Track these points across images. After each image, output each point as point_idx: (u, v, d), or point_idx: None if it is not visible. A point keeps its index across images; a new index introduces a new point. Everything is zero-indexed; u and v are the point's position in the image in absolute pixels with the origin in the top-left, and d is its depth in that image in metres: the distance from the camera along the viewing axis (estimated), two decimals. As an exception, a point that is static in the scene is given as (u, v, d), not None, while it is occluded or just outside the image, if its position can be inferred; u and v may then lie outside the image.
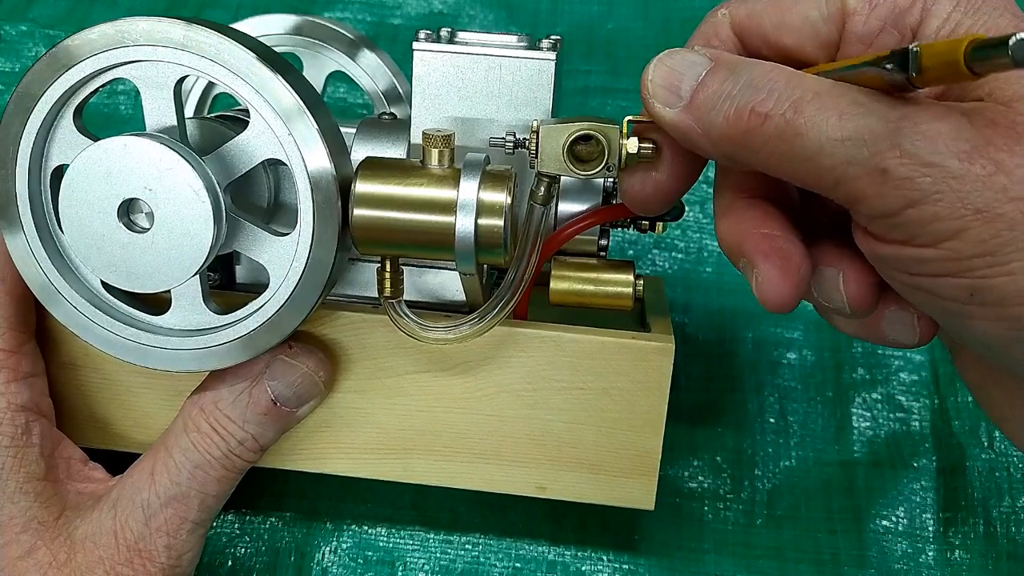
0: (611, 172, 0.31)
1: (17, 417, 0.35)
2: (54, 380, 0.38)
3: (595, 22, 0.53)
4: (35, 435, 0.36)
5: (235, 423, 0.35)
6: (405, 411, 0.37)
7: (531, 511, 0.45)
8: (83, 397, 0.38)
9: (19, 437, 0.35)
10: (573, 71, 0.55)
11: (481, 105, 0.36)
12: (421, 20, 0.54)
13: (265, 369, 0.35)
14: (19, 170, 0.33)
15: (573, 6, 0.54)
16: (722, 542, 0.45)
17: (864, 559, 0.44)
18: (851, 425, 0.48)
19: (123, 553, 0.35)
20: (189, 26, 0.31)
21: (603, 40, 0.53)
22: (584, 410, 0.37)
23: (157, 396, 0.38)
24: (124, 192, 0.31)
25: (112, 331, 0.34)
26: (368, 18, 0.55)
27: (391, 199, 0.32)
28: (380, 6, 0.55)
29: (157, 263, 0.31)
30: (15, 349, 0.35)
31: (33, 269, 0.34)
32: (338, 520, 0.45)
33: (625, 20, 0.53)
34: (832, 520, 0.45)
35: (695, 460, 0.47)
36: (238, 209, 0.33)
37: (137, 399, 0.38)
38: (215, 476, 0.35)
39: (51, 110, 0.32)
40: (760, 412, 0.48)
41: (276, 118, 0.31)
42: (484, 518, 0.45)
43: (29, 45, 0.54)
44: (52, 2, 0.55)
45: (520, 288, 0.34)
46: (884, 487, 0.46)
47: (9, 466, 0.35)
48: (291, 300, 0.33)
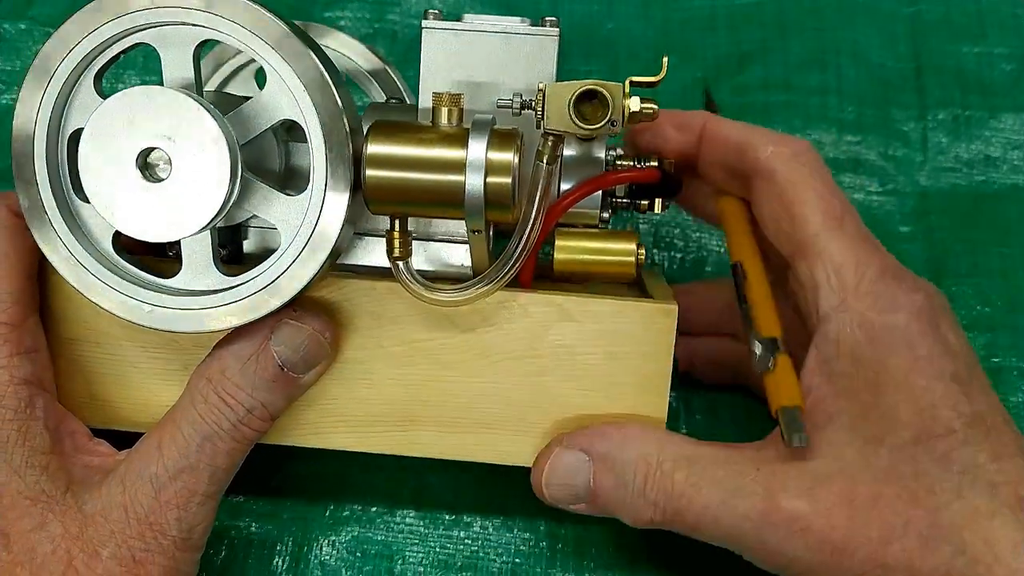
0: (615, 127, 0.33)
1: (20, 390, 0.35)
2: (55, 357, 0.38)
3: (595, 22, 0.55)
4: (39, 408, 0.35)
5: (244, 391, 0.35)
6: (411, 381, 0.37)
7: (530, 506, 0.44)
8: (84, 374, 0.38)
9: (23, 410, 0.35)
10: (573, 71, 0.55)
11: (487, 78, 0.37)
12: (420, 18, 0.54)
13: (270, 335, 0.35)
14: (38, 131, 0.33)
15: (573, 6, 0.55)
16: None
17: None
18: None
19: (134, 527, 0.34)
20: None
21: (603, 40, 0.54)
22: (590, 376, 0.37)
23: (160, 372, 0.38)
24: (145, 140, 0.31)
25: (119, 290, 0.34)
26: (367, 16, 0.56)
27: (403, 159, 0.33)
28: (379, 5, 0.56)
29: (173, 212, 0.32)
30: (18, 323, 0.35)
31: (46, 230, 0.34)
32: (337, 513, 0.44)
33: (625, 20, 0.55)
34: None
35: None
36: (251, 172, 0.34)
37: (140, 376, 0.38)
38: (225, 448, 0.35)
39: (72, 72, 0.33)
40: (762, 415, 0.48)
41: (293, 76, 0.33)
42: (484, 512, 0.44)
43: (29, 44, 0.55)
44: (52, 1, 0.56)
45: (527, 249, 0.35)
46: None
47: (14, 439, 0.34)
48: (300, 259, 0.34)
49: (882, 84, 0.53)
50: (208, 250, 0.34)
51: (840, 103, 0.53)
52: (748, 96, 0.52)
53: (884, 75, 0.53)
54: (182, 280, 0.35)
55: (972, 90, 0.53)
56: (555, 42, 0.37)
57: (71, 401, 0.38)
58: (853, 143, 0.52)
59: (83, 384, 0.38)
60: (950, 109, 0.52)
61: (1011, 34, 0.54)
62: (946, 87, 0.53)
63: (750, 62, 0.53)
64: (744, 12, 0.54)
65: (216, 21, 0.32)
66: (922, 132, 0.52)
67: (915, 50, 0.53)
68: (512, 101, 0.34)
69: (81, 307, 0.37)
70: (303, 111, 0.33)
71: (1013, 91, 0.53)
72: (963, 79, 0.53)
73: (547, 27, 0.37)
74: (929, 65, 0.53)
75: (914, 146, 0.52)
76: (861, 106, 0.53)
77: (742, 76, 0.53)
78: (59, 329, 0.38)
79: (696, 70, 0.52)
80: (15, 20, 0.55)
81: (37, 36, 0.55)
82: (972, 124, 0.52)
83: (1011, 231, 0.50)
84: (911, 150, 0.52)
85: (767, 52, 0.53)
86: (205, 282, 0.35)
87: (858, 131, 0.52)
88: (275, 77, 0.33)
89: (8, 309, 0.35)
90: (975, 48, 0.53)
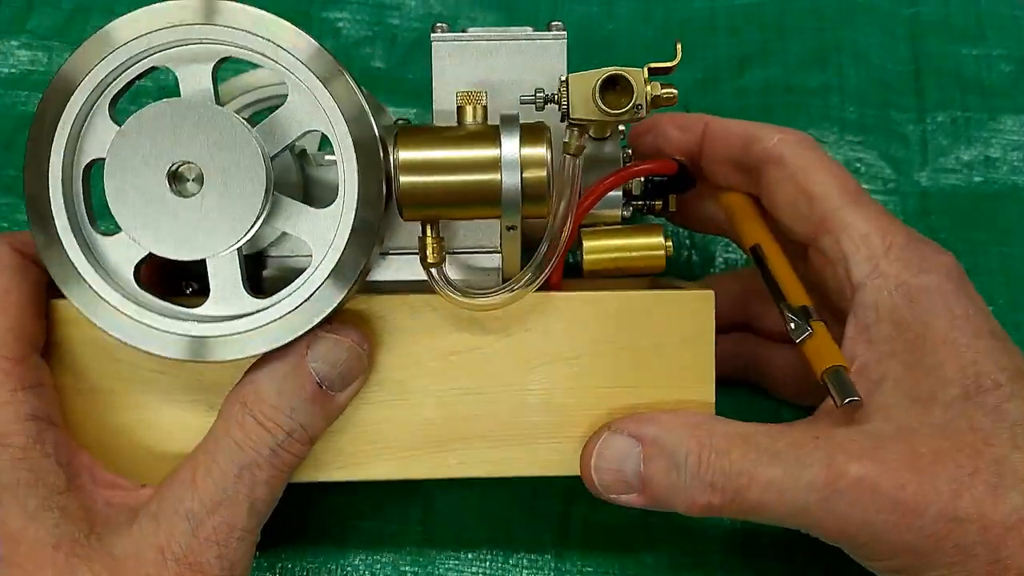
0: (640, 112, 0.33)
1: (28, 427, 0.33)
2: (67, 410, 0.35)
3: (595, 23, 0.55)
4: (49, 444, 0.33)
5: (282, 413, 0.33)
6: (451, 396, 0.36)
7: (537, 527, 0.44)
8: (101, 425, 0.36)
9: (31, 447, 0.32)
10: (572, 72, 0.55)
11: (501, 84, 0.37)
12: (420, 21, 0.55)
13: (306, 351, 0.34)
14: (52, 163, 0.32)
15: (573, 7, 0.56)
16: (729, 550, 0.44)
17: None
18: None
19: (172, 568, 0.32)
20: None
21: (603, 41, 0.55)
22: (634, 371, 0.36)
23: (182, 416, 0.36)
24: (175, 155, 0.30)
25: (146, 322, 0.33)
26: (366, 18, 0.56)
27: (435, 162, 0.33)
28: (379, 7, 0.56)
29: (206, 227, 0.31)
30: (20, 358, 0.33)
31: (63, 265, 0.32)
32: (343, 539, 0.43)
33: (625, 21, 0.55)
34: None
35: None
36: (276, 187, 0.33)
37: (159, 421, 0.36)
38: (264, 477, 0.33)
39: (87, 99, 0.32)
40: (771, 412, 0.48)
41: (319, 86, 0.32)
42: (491, 535, 0.44)
43: (26, 56, 0.54)
44: (50, 13, 0.55)
45: (563, 243, 0.34)
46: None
47: (26, 481, 0.32)
48: (335, 272, 0.33)
49: (882, 85, 0.54)
50: (236, 274, 0.33)
51: (842, 103, 0.53)
52: (749, 98, 0.53)
53: (884, 76, 0.54)
54: (212, 307, 0.33)
55: (971, 92, 0.54)
56: (563, 46, 0.38)
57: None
58: (854, 143, 0.53)
59: (101, 434, 0.36)
60: (949, 111, 0.54)
61: (1010, 36, 0.55)
62: (945, 89, 0.54)
63: (750, 63, 0.54)
64: (744, 13, 0.55)
65: (234, 35, 0.32)
66: (921, 134, 0.53)
67: (914, 52, 0.55)
68: (535, 96, 0.34)
69: (96, 356, 0.36)
70: (331, 120, 0.32)
71: (1012, 93, 0.54)
72: (962, 81, 0.54)
73: (554, 31, 0.38)
74: (928, 67, 0.54)
75: (914, 147, 0.53)
76: (862, 107, 0.53)
77: (742, 78, 0.54)
78: (74, 381, 0.36)
79: (696, 71, 0.53)
80: (15, 33, 0.54)
81: (35, 48, 0.54)
82: (972, 126, 0.53)
83: (1011, 231, 0.51)
84: (911, 151, 0.53)
85: (767, 53, 0.54)
86: (235, 307, 0.33)
87: (859, 131, 0.53)
88: (299, 88, 0.33)
89: (10, 344, 0.33)
90: (974, 50, 0.55)
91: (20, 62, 0.54)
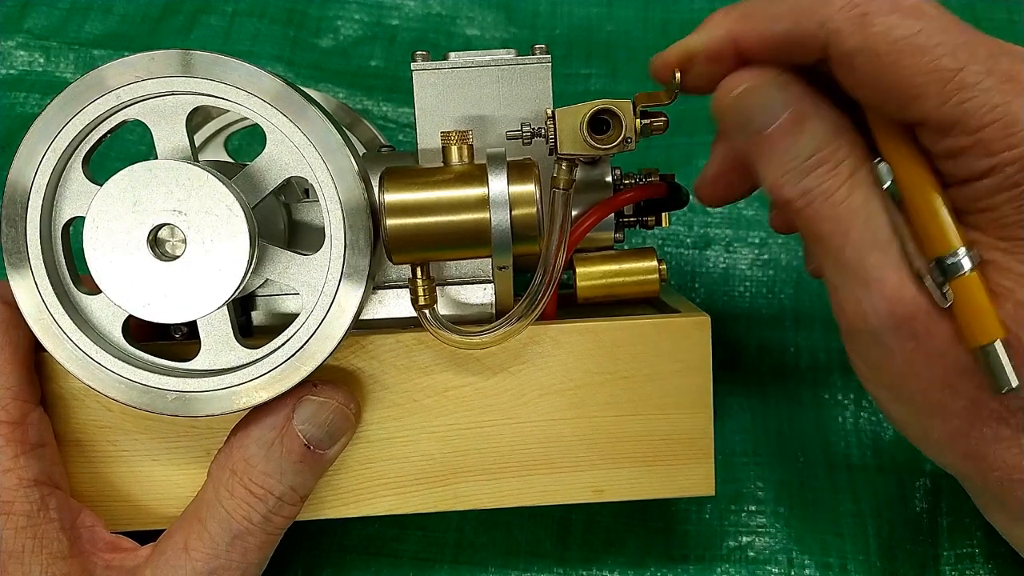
0: (629, 145, 0.33)
1: (31, 493, 0.33)
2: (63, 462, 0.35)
3: (594, 24, 0.54)
4: (52, 509, 0.33)
5: (272, 478, 0.33)
6: (449, 431, 0.36)
7: (536, 531, 0.44)
8: (98, 476, 0.36)
9: (35, 514, 0.32)
10: (572, 74, 0.55)
11: (485, 112, 0.37)
12: (419, 21, 0.54)
13: (292, 414, 0.33)
14: (30, 226, 0.31)
15: (572, 8, 0.55)
16: (729, 554, 0.44)
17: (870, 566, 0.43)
18: (860, 428, 0.47)
19: None
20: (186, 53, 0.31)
21: (603, 42, 0.54)
22: (631, 400, 0.36)
23: (181, 461, 0.36)
24: (153, 218, 0.30)
25: (137, 380, 0.32)
26: (366, 19, 0.55)
27: (423, 204, 0.32)
28: (378, 7, 0.55)
29: (192, 289, 0.30)
30: (20, 420, 0.33)
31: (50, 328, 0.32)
32: (342, 545, 0.43)
33: (624, 22, 0.54)
34: (839, 524, 0.44)
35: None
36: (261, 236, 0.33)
37: (161, 468, 0.36)
38: (256, 543, 0.33)
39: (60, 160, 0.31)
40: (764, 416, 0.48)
41: (296, 131, 0.31)
42: (490, 538, 0.44)
43: (23, 56, 0.53)
44: (46, 13, 0.53)
45: (554, 278, 0.34)
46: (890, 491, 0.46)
47: (30, 548, 0.32)
48: (328, 319, 0.32)
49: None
50: (227, 325, 0.33)
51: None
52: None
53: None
54: (204, 360, 0.33)
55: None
56: (548, 69, 0.37)
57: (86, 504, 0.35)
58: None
59: (98, 486, 0.36)
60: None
61: (1008, 40, 0.53)
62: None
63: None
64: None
65: (206, 85, 0.31)
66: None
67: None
68: (521, 131, 0.33)
69: (88, 406, 0.35)
70: (311, 166, 0.32)
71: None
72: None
73: (538, 55, 0.36)
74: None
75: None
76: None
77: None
78: (66, 432, 0.35)
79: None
80: (10, 33, 0.53)
81: (32, 48, 0.53)
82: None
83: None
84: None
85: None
86: (228, 358, 0.33)
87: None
88: (276, 135, 0.32)
89: (8, 406, 0.33)
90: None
91: (17, 63, 0.52)
